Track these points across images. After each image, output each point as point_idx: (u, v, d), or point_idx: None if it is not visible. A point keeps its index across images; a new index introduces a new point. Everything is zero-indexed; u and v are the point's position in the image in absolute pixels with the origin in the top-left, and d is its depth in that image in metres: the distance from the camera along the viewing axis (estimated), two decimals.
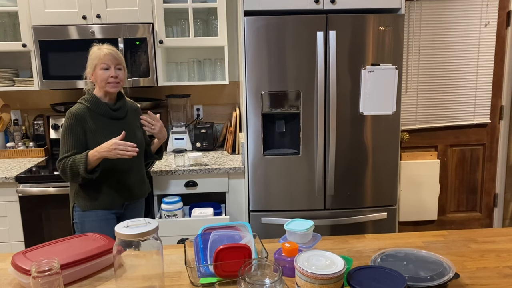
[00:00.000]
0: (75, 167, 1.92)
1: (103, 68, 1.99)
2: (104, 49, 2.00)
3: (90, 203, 2.04)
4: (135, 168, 2.13)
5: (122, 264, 1.19)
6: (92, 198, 2.04)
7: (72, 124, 1.97)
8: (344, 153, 2.57)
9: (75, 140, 1.97)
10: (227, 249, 1.28)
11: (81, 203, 2.04)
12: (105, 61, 1.98)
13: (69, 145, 1.97)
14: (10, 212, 2.56)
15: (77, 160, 1.92)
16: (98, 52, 2.00)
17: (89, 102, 2.03)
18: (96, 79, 2.02)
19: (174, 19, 2.98)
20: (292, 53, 2.45)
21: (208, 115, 3.31)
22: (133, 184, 2.13)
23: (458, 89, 3.22)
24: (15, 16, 2.85)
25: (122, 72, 2.04)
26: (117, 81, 2.01)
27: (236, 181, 2.69)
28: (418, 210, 3.32)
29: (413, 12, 3.09)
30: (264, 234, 2.61)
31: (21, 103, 3.19)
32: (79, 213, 2.06)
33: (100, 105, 2.03)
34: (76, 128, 1.97)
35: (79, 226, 2.07)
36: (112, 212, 2.09)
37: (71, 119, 1.98)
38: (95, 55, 2.00)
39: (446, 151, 3.34)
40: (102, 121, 2.04)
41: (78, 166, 1.91)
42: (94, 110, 2.03)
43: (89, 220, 2.05)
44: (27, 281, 1.26)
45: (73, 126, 1.97)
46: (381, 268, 1.17)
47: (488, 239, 1.58)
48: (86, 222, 2.05)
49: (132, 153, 1.90)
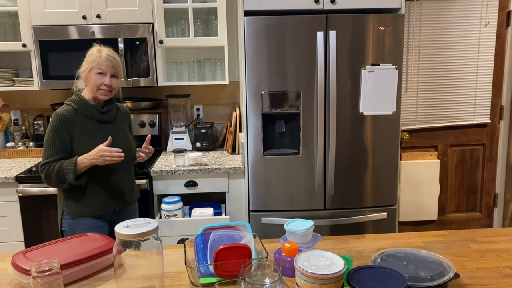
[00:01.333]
0: (62, 174, 1.84)
1: (98, 73, 1.90)
2: (104, 54, 1.91)
3: (81, 210, 1.94)
4: (125, 172, 2.05)
5: (122, 264, 1.19)
6: (82, 204, 1.94)
7: (58, 127, 1.87)
8: (344, 153, 2.57)
9: (60, 144, 1.88)
10: (227, 249, 1.28)
11: (71, 210, 1.94)
12: (102, 67, 1.89)
13: (54, 150, 1.87)
14: (10, 212, 2.56)
15: (65, 166, 1.84)
16: (97, 55, 1.90)
17: (77, 103, 1.93)
18: (89, 81, 1.93)
19: (174, 19, 2.98)
20: (292, 53, 2.45)
21: (208, 115, 3.31)
22: (124, 188, 2.04)
23: (458, 89, 3.22)
24: (15, 16, 2.86)
25: (117, 81, 1.95)
26: (110, 89, 1.93)
27: (236, 181, 2.69)
28: (418, 210, 3.32)
29: (413, 12, 3.09)
30: (264, 234, 2.61)
31: (21, 103, 3.19)
32: (68, 221, 1.95)
33: (88, 107, 1.94)
34: (62, 132, 1.88)
35: (68, 235, 1.96)
36: (103, 220, 2.00)
37: (56, 122, 1.87)
38: (94, 58, 1.90)
39: (446, 151, 3.34)
40: (89, 124, 1.94)
41: (67, 173, 1.84)
42: (82, 112, 1.93)
43: (79, 228, 1.94)
44: (27, 281, 1.26)
45: (59, 130, 1.87)
46: (381, 268, 1.17)
47: (488, 239, 1.58)
48: (76, 230, 1.94)
49: (119, 158, 1.84)
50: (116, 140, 1.98)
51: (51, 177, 1.86)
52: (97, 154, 1.83)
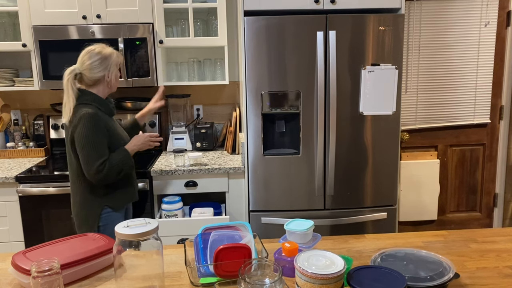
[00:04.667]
0: (120, 166, 2.00)
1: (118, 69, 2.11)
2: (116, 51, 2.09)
3: (124, 197, 2.11)
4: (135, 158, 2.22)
5: (122, 264, 1.19)
6: (124, 193, 2.11)
7: (98, 125, 1.96)
8: (344, 153, 2.57)
9: (104, 141, 1.98)
10: (227, 249, 1.28)
11: (116, 201, 2.08)
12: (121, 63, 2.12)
13: (103, 147, 1.96)
14: (10, 212, 2.56)
15: (121, 158, 2.00)
16: (116, 54, 2.07)
17: (97, 102, 2.03)
18: (113, 80, 2.08)
19: (174, 19, 2.98)
20: (292, 53, 2.45)
21: (208, 115, 3.31)
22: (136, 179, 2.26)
23: (458, 89, 3.22)
24: (15, 16, 2.85)
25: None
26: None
27: (236, 181, 2.69)
28: (418, 210, 3.32)
29: (413, 12, 3.09)
30: (264, 234, 2.61)
31: (21, 103, 3.19)
32: (108, 214, 2.06)
33: (105, 104, 2.07)
34: (103, 129, 1.98)
35: (102, 229, 2.06)
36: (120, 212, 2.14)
37: (96, 120, 1.95)
38: (115, 57, 2.06)
39: (446, 151, 3.34)
40: (108, 119, 2.07)
41: (125, 163, 2.01)
42: (102, 110, 2.05)
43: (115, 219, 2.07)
44: (27, 281, 1.26)
45: (100, 128, 1.96)
46: (381, 268, 1.17)
47: (488, 239, 1.58)
48: (109, 224, 2.05)
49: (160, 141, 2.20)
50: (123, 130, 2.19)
51: (113, 173, 1.98)
52: (145, 139, 2.12)
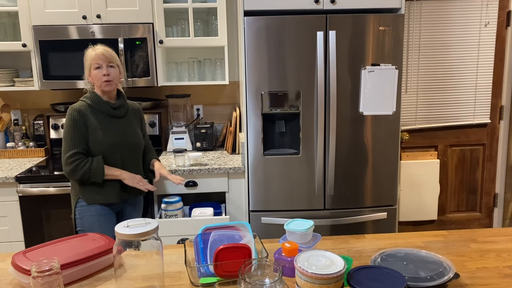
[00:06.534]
0: (88, 174, 2.02)
1: (96, 67, 2.05)
2: (97, 49, 2.06)
3: (95, 196, 2.10)
4: (135, 166, 2.20)
5: (122, 264, 1.19)
6: (97, 192, 2.10)
7: (76, 119, 2.02)
8: (344, 153, 2.57)
9: (80, 135, 2.03)
10: (227, 249, 1.28)
11: (86, 196, 2.10)
12: (97, 61, 2.04)
13: (76, 140, 2.03)
14: (10, 212, 2.56)
15: (93, 170, 2.02)
16: (91, 53, 2.05)
17: (90, 99, 2.09)
18: (93, 79, 2.08)
19: (174, 19, 2.98)
20: (292, 53, 2.45)
21: (208, 115, 3.31)
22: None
23: (458, 89, 3.22)
24: (15, 16, 2.85)
25: (114, 70, 2.08)
26: (109, 79, 2.05)
27: (236, 181, 2.69)
28: (418, 210, 3.32)
29: (413, 12, 3.09)
30: (264, 234, 2.61)
31: (21, 103, 3.19)
32: (82, 208, 2.11)
33: (101, 103, 2.09)
34: (80, 124, 2.03)
35: (79, 222, 2.12)
36: (111, 208, 2.16)
37: (74, 115, 2.03)
38: (89, 56, 2.06)
39: (446, 151, 3.34)
40: (102, 119, 2.08)
41: (94, 175, 2.03)
42: (95, 107, 2.08)
43: (88, 214, 2.10)
44: (27, 281, 1.26)
45: (77, 122, 2.03)
46: (381, 268, 1.17)
47: (488, 239, 1.58)
48: (85, 217, 2.11)
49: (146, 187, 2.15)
50: (125, 135, 2.14)
51: (78, 173, 2.02)
52: (136, 179, 2.12)
